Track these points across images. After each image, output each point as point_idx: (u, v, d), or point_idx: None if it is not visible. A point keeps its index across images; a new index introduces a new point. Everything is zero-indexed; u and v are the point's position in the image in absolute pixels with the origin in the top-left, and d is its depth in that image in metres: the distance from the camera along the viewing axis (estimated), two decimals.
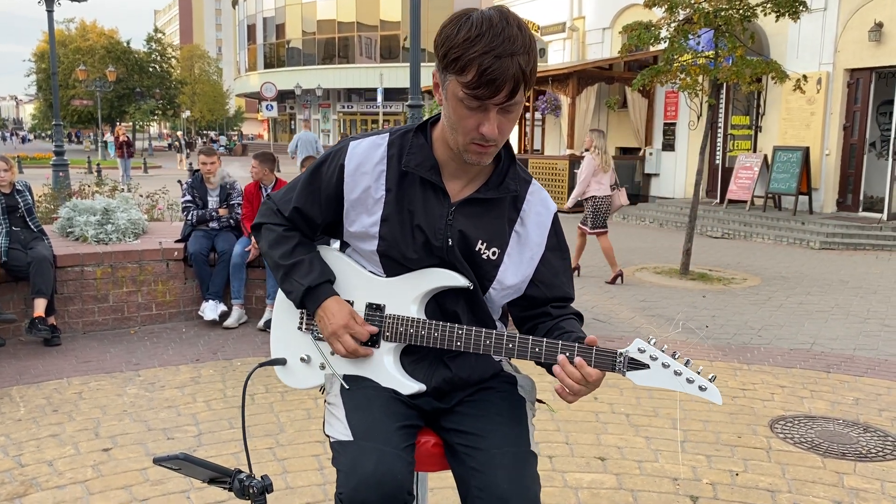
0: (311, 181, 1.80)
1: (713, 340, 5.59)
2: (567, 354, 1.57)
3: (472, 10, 1.53)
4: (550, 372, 1.64)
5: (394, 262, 1.73)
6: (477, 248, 1.70)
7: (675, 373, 1.54)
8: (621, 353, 1.56)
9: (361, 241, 1.75)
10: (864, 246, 11.00)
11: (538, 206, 1.77)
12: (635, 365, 1.55)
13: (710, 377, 1.54)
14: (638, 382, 1.55)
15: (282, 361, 1.85)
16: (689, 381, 1.53)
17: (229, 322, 5.72)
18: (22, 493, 3.02)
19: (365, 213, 1.72)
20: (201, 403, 4.09)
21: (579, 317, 1.80)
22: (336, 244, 1.88)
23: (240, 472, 1.53)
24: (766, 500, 3.06)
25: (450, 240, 1.69)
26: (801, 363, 5.04)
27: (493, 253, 1.71)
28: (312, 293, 1.75)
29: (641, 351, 1.55)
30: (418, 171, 1.69)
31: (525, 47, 1.49)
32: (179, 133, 55.70)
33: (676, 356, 1.55)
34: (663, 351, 1.55)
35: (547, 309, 1.77)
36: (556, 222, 1.80)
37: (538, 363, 1.67)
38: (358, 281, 1.77)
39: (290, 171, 14.42)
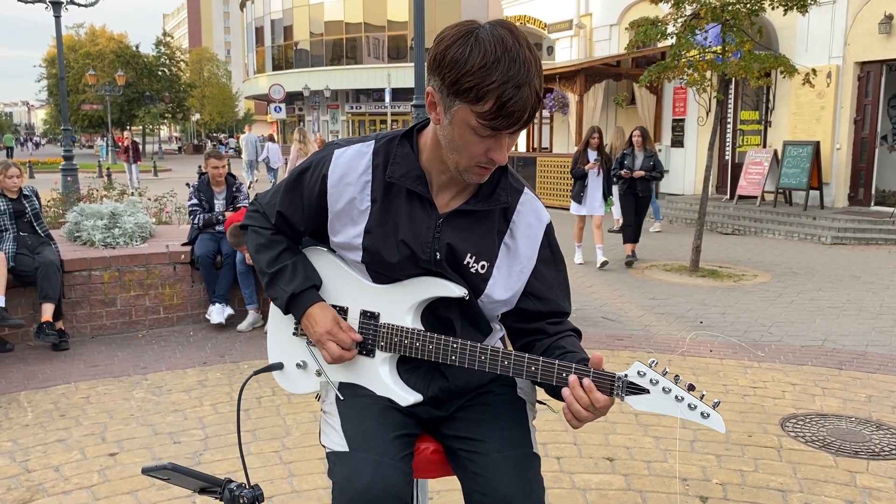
0: (292, 188, 1.75)
1: (723, 338, 5.54)
2: (565, 375, 1.52)
3: (475, 27, 1.43)
4: (549, 392, 1.61)
5: (380, 274, 1.69)
6: (465, 262, 1.64)
7: (677, 398, 1.48)
8: (619, 377, 1.50)
9: (347, 252, 1.72)
10: (876, 240, 10.90)
11: (529, 217, 1.70)
12: (634, 389, 1.49)
13: (713, 403, 1.48)
14: (637, 408, 1.48)
15: (278, 366, 1.82)
16: (692, 407, 1.47)
17: (242, 326, 5.71)
18: (28, 499, 3.02)
19: (350, 224, 1.67)
20: (208, 407, 4.08)
21: (577, 333, 1.74)
22: None
23: (230, 481, 1.51)
24: (777, 501, 3.02)
25: (437, 253, 1.63)
26: (813, 360, 4.99)
27: (482, 266, 1.65)
28: (296, 300, 1.72)
29: (641, 374, 1.49)
30: (403, 182, 1.62)
31: (538, 69, 1.42)
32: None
33: (678, 381, 1.49)
34: (664, 374, 1.49)
35: (542, 325, 1.70)
36: (549, 233, 1.72)
37: (534, 383, 1.63)
38: (351, 286, 1.73)
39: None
